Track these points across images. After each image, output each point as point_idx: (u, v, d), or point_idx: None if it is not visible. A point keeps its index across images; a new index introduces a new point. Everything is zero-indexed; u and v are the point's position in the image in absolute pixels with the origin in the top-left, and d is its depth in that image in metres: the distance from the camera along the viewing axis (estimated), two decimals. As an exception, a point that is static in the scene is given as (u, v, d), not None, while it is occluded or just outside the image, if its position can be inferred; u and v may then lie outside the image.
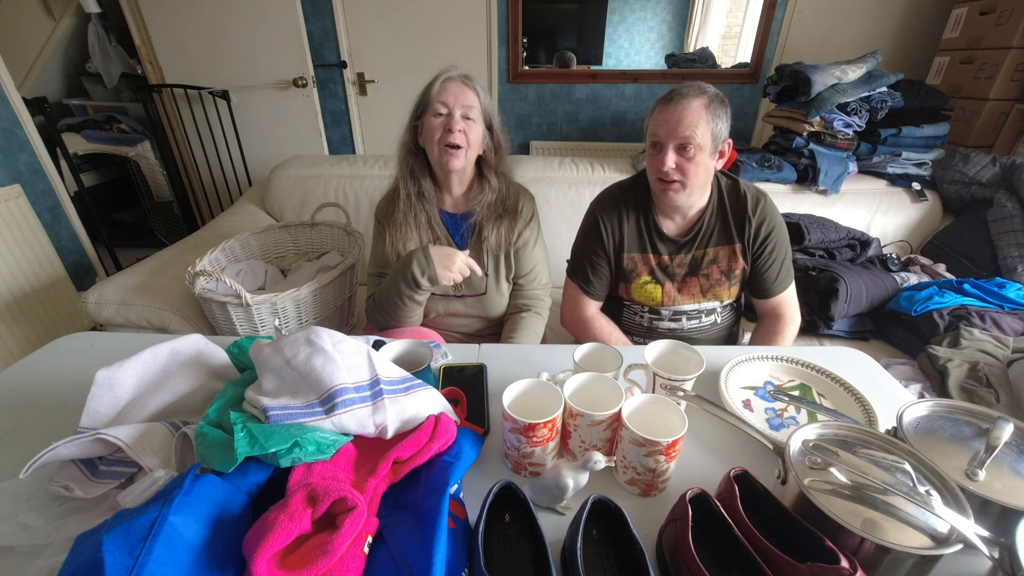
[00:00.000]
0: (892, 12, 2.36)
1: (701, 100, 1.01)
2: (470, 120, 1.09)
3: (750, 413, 0.81)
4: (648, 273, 1.17)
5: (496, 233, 1.17)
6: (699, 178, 1.05)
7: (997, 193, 1.71)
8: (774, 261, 1.14)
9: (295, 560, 0.45)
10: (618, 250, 1.18)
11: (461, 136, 1.08)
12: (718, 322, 1.22)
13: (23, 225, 1.95)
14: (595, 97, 2.70)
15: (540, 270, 1.27)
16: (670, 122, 1.02)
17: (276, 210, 2.02)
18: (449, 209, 1.21)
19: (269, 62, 2.54)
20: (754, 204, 1.12)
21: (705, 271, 1.15)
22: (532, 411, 0.63)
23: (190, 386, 0.70)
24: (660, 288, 1.17)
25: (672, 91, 1.05)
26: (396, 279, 1.10)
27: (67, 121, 2.72)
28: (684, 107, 1.01)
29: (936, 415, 0.67)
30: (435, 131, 1.08)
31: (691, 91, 1.02)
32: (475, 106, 1.09)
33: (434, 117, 1.08)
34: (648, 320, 1.23)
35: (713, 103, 1.02)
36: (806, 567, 0.45)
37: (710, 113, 1.01)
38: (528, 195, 1.24)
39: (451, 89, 1.08)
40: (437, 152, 1.10)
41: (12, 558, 0.53)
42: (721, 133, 1.03)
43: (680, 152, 1.03)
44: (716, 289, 1.16)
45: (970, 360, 1.29)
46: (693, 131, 1.00)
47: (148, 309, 1.44)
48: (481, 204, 1.16)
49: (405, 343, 0.84)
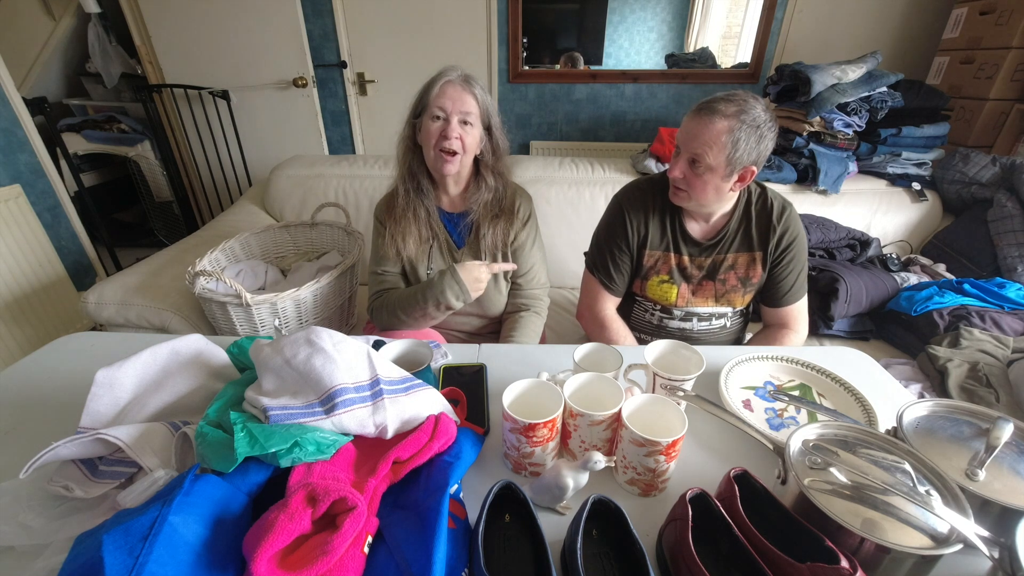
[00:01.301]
0: (892, 12, 2.36)
1: (727, 124, 0.96)
2: (467, 125, 1.09)
3: (750, 413, 0.81)
4: (667, 272, 1.16)
5: (492, 233, 1.17)
6: (706, 196, 1.03)
7: (997, 193, 1.71)
8: (791, 272, 1.13)
9: (295, 560, 0.45)
10: (641, 246, 1.16)
11: (457, 142, 1.08)
12: (727, 326, 1.22)
13: (23, 225, 1.95)
14: (595, 97, 2.70)
15: (538, 270, 1.27)
16: (690, 133, 1.00)
17: (276, 210, 2.02)
18: (446, 208, 1.22)
19: (269, 62, 2.54)
20: (780, 212, 1.11)
21: (722, 276, 1.14)
22: (532, 411, 0.63)
23: (190, 386, 0.70)
24: (675, 289, 1.16)
25: (709, 100, 1.00)
26: (426, 301, 1.10)
27: (67, 121, 2.71)
28: (706, 124, 0.98)
29: (936, 415, 0.67)
30: (432, 135, 1.08)
31: (723, 108, 0.97)
32: (473, 111, 1.08)
33: (431, 120, 1.08)
34: (659, 319, 1.21)
35: (742, 128, 0.96)
36: (806, 567, 0.45)
37: (731, 139, 0.96)
38: (526, 195, 1.24)
39: (449, 93, 1.07)
40: (432, 156, 1.10)
41: (12, 558, 0.53)
42: (741, 160, 0.98)
43: (691, 164, 1.02)
44: (731, 295, 1.15)
45: (970, 360, 1.29)
46: (706, 151, 0.98)
47: (148, 309, 1.44)
48: (478, 203, 1.17)
49: (405, 343, 0.84)
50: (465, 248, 1.21)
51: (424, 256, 1.20)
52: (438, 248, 1.21)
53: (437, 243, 1.20)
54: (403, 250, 1.17)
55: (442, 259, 1.21)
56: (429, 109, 1.08)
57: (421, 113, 1.10)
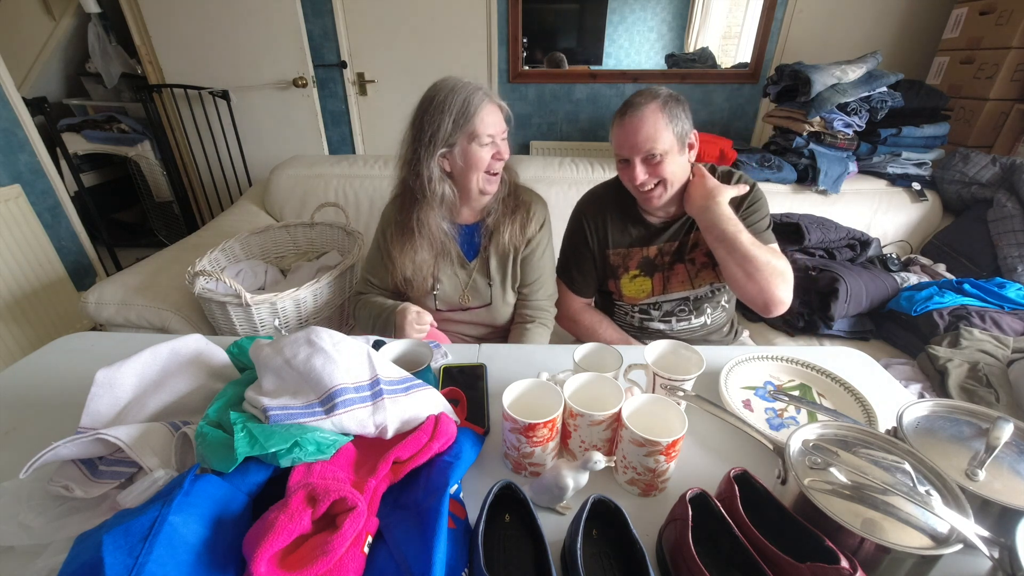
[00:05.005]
0: (892, 12, 2.36)
1: (654, 104, 1.01)
2: (505, 140, 1.10)
3: (750, 413, 0.81)
4: (636, 266, 1.19)
5: (510, 230, 1.15)
6: (675, 176, 1.06)
7: (997, 193, 1.71)
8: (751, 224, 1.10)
9: (295, 560, 0.45)
10: (602, 247, 1.20)
11: (502, 164, 1.09)
12: (708, 323, 1.23)
13: (23, 225, 1.95)
14: (595, 97, 2.70)
15: (546, 280, 1.24)
16: (630, 137, 1.02)
17: (276, 210, 2.02)
18: (466, 220, 1.19)
19: (269, 62, 2.54)
20: (724, 179, 1.12)
21: (690, 256, 1.16)
22: (532, 411, 0.63)
23: (190, 386, 0.70)
24: (650, 280, 1.18)
25: (625, 104, 1.04)
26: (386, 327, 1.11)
27: (67, 121, 2.71)
28: (640, 119, 1.00)
29: (936, 415, 0.67)
30: (483, 161, 1.05)
31: (643, 98, 1.02)
32: (506, 127, 1.09)
33: (480, 147, 1.04)
34: (639, 320, 1.25)
35: (668, 104, 1.01)
36: (806, 567, 0.45)
37: (667, 115, 1.01)
38: (541, 200, 1.23)
39: (492, 118, 1.05)
40: (483, 179, 1.08)
41: (12, 558, 0.53)
42: (684, 130, 1.03)
43: (647, 162, 1.04)
44: (703, 273, 1.16)
45: (970, 360, 1.29)
46: (654, 142, 1.00)
47: (148, 309, 1.44)
48: (497, 200, 1.15)
49: (405, 343, 0.84)
50: (477, 260, 1.18)
51: (430, 275, 1.17)
52: (448, 263, 1.18)
53: (448, 259, 1.17)
54: (406, 274, 1.15)
55: (453, 274, 1.18)
56: (475, 136, 1.03)
57: (455, 143, 1.04)
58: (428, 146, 1.04)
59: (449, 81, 1.04)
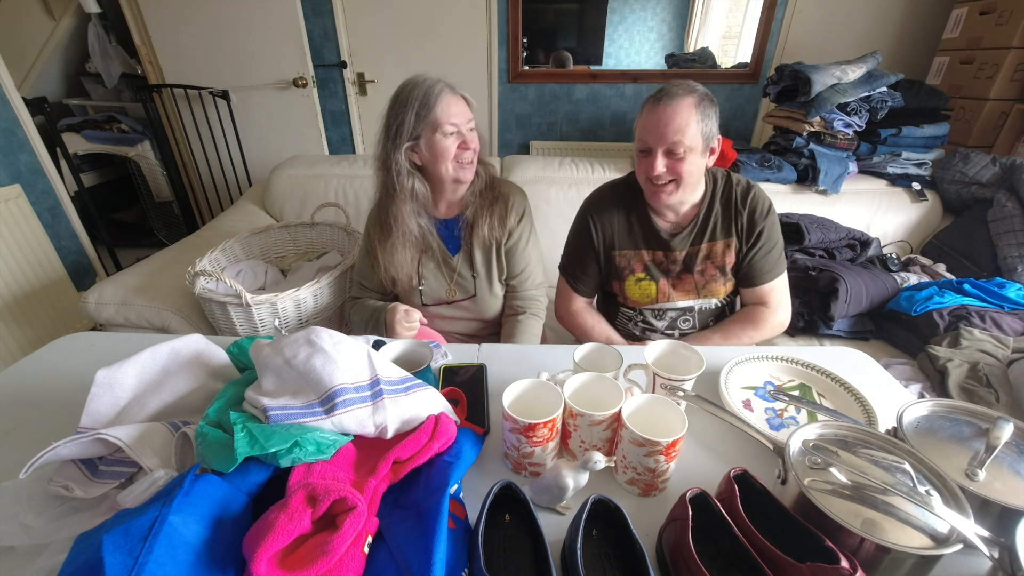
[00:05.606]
0: (892, 12, 2.36)
1: (691, 99, 0.99)
2: (473, 131, 1.10)
3: (750, 413, 0.81)
4: (642, 269, 1.17)
5: (489, 222, 1.16)
6: (692, 177, 1.04)
7: (997, 193, 1.71)
8: (763, 250, 1.11)
9: (295, 560, 0.45)
10: (608, 248, 1.18)
11: (473, 153, 1.09)
12: None
13: (23, 225, 1.95)
14: (595, 97, 2.70)
15: (533, 269, 1.25)
16: (659, 126, 1.00)
17: (276, 210, 2.02)
18: (443, 215, 1.20)
19: (269, 62, 2.54)
20: (743, 194, 1.11)
21: (700, 267, 1.14)
22: (532, 411, 0.63)
23: (190, 386, 0.70)
24: (655, 284, 1.16)
25: (661, 91, 1.02)
26: (377, 328, 1.13)
27: (67, 121, 2.71)
28: (674, 108, 0.99)
29: (936, 415, 0.67)
30: (449, 151, 1.06)
31: (680, 90, 1.00)
32: (472, 116, 1.09)
33: (444, 137, 1.06)
34: (640, 330, 1.23)
35: (703, 102, 1.00)
36: (806, 567, 0.45)
37: (700, 112, 0.99)
38: (519, 191, 1.23)
39: (455, 108, 1.05)
40: (452, 168, 1.09)
41: (12, 558, 0.53)
42: (712, 132, 1.02)
43: (670, 155, 1.02)
44: (711, 285, 1.15)
45: (970, 360, 1.29)
46: (682, 135, 0.99)
47: (148, 309, 1.44)
48: (474, 194, 1.16)
49: (405, 343, 0.84)
50: (460, 254, 1.20)
51: (414, 271, 1.19)
52: (431, 258, 1.20)
53: (432, 254, 1.19)
54: (391, 272, 1.18)
55: (437, 269, 1.21)
56: (440, 126, 1.05)
57: (421, 133, 1.06)
58: (395, 140, 1.07)
59: (413, 78, 1.07)
